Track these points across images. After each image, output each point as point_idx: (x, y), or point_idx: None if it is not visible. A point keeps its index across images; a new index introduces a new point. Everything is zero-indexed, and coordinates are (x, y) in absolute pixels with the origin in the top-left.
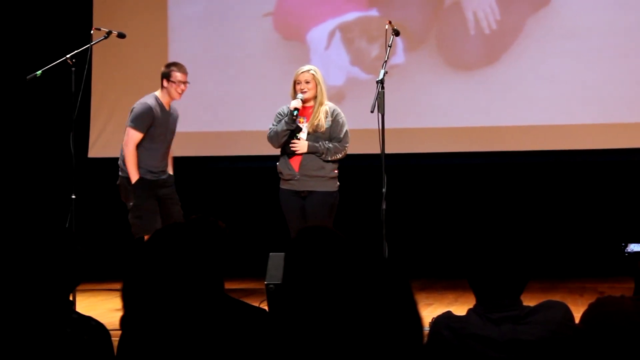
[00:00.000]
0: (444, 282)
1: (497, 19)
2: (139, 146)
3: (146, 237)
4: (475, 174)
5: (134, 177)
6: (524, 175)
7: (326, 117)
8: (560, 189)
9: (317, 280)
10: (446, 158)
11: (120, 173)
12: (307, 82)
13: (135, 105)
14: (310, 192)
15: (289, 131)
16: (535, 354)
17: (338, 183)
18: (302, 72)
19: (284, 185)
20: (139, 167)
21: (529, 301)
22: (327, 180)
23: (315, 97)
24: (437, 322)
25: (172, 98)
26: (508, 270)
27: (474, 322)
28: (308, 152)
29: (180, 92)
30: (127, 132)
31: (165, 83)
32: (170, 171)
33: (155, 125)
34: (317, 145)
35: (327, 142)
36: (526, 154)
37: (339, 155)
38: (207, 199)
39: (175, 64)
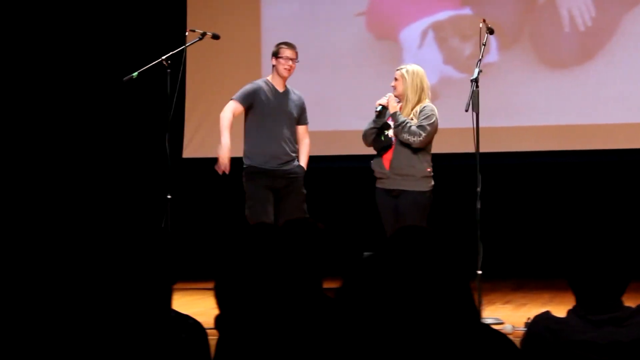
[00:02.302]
0: (538, 282)
1: (592, 16)
2: (249, 129)
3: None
4: (570, 173)
5: (223, 141)
6: (621, 174)
7: (414, 117)
8: None
9: (410, 280)
10: (541, 156)
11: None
12: (396, 80)
13: None
14: (402, 192)
15: (375, 129)
16: (638, 356)
17: (432, 182)
18: (396, 70)
19: (378, 184)
20: (253, 151)
21: (630, 302)
22: (418, 180)
23: (405, 95)
24: (535, 322)
25: (281, 76)
26: (610, 271)
27: (574, 324)
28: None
29: (287, 68)
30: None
31: (273, 61)
32: (302, 162)
33: (263, 105)
34: (400, 117)
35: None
36: (622, 152)
37: (413, 139)
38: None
39: (285, 43)
